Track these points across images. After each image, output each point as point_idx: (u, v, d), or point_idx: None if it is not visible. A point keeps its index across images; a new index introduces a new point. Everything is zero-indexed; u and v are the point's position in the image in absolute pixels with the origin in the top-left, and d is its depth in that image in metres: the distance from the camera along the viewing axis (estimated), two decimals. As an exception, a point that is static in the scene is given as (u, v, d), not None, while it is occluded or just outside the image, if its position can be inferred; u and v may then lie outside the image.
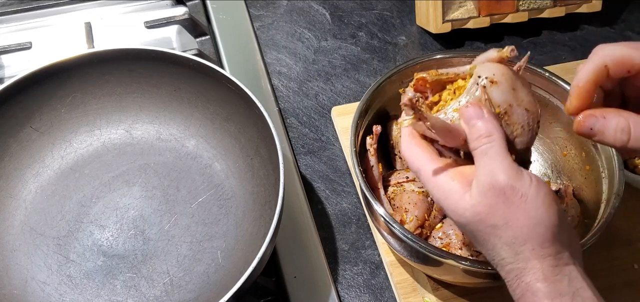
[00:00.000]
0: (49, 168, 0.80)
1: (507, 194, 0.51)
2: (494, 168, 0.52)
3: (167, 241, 0.75)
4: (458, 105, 0.55)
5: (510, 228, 0.51)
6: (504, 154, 0.52)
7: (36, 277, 0.72)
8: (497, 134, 0.53)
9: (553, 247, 0.51)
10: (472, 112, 0.54)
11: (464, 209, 0.53)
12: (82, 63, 0.80)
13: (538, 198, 0.51)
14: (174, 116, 0.83)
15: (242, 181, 0.79)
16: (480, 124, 0.53)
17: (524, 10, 1.01)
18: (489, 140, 0.52)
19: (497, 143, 0.52)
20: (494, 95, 0.55)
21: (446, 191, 0.54)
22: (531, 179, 0.52)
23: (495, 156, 0.52)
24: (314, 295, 0.75)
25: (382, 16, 1.06)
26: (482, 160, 0.53)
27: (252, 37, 1.01)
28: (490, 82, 0.55)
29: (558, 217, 0.51)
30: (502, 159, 0.52)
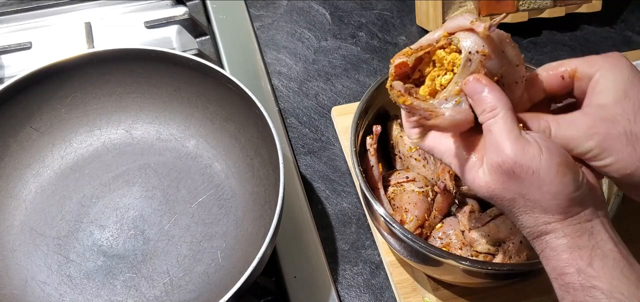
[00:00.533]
0: (49, 168, 0.80)
1: (516, 173, 0.50)
2: (500, 146, 0.51)
3: (167, 241, 0.75)
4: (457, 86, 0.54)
5: (527, 201, 0.51)
6: (510, 128, 0.51)
7: (36, 277, 0.72)
8: (501, 105, 0.52)
9: (573, 210, 0.51)
10: (473, 86, 0.53)
11: (479, 186, 0.53)
12: (82, 63, 0.80)
13: (551, 171, 0.50)
14: (174, 116, 0.83)
15: (242, 181, 0.79)
16: (483, 97, 0.52)
17: (524, 10, 1.01)
18: (493, 115, 0.52)
19: (501, 116, 0.51)
20: (489, 66, 0.54)
21: (465, 168, 0.54)
22: (541, 150, 0.50)
23: (500, 131, 0.51)
24: (314, 295, 0.75)
25: (382, 16, 1.06)
26: (488, 137, 0.52)
27: (252, 37, 1.01)
28: (483, 55, 0.54)
29: (574, 183, 0.51)
30: (507, 134, 0.51)
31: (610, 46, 1.04)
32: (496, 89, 0.53)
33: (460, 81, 0.54)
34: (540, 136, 0.52)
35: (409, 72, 0.57)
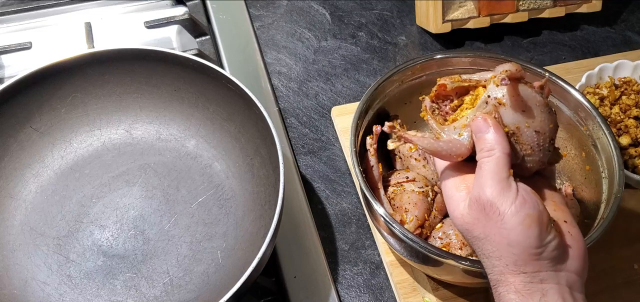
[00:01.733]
0: (49, 168, 0.80)
1: (487, 210, 0.53)
2: (484, 183, 0.53)
3: (167, 241, 0.75)
4: (466, 121, 0.57)
5: (488, 242, 0.53)
6: (498, 169, 0.53)
7: (36, 277, 0.72)
8: (499, 148, 0.54)
9: (528, 266, 0.52)
10: (480, 124, 0.55)
11: (456, 217, 0.56)
12: (82, 63, 0.80)
13: (515, 218, 0.52)
14: (174, 116, 0.83)
15: (242, 181, 0.79)
16: (485, 137, 0.55)
17: (524, 10, 1.01)
18: (489, 154, 0.54)
19: (495, 158, 0.54)
20: (503, 115, 0.56)
21: (449, 196, 0.58)
22: (516, 198, 0.52)
23: (489, 171, 0.53)
24: (314, 295, 0.75)
25: (382, 16, 1.06)
26: (478, 173, 0.54)
27: (252, 37, 1.01)
28: (499, 103, 0.56)
29: (537, 239, 0.52)
30: (493, 174, 0.53)
31: (610, 46, 1.04)
32: (500, 132, 0.55)
33: (471, 117, 0.57)
34: (526, 187, 0.54)
35: (451, 95, 0.61)
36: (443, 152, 0.58)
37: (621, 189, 0.68)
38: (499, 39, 1.04)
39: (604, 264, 0.77)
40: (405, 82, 0.79)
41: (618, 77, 0.90)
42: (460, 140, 0.57)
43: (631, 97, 0.86)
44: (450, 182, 0.58)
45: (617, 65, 0.90)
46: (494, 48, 1.03)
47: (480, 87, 0.59)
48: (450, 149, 0.57)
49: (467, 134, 0.57)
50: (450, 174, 0.59)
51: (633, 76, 0.90)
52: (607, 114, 0.85)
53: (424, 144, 0.58)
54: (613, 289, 0.75)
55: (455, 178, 0.58)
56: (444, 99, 0.61)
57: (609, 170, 0.71)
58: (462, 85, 0.60)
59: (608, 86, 0.89)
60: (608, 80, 0.90)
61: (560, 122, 0.76)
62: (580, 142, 0.75)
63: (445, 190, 0.59)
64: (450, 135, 0.57)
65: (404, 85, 0.79)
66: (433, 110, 0.60)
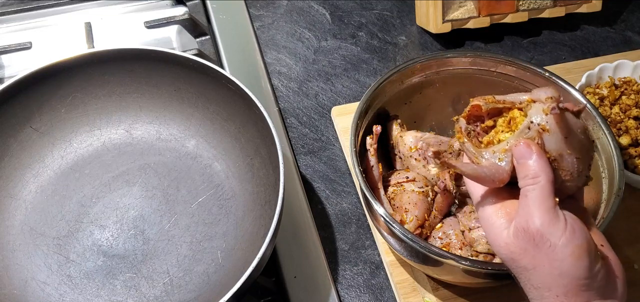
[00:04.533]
0: (49, 168, 0.80)
1: (536, 241, 0.52)
2: (531, 212, 0.52)
3: (167, 241, 0.75)
4: (507, 146, 0.55)
5: (537, 273, 0.52)
6: (544, 198, 0.52)
7: (36, 277, 0.72)
8: (544, 176, 0.52)
9: (579, 297, 0.51)
10: (523, 150, 0.54)
11: (499, 246, 0.55)
12: (82, 63, 0.80)
13: (566, 249, 0.51)
14: (174, 116, 0.83)
15: (242, 181, 0.79)
16: (529, 164, 0.53)
17: (524, 10, 1.01)
18: (534, 182, 0.53)
19: (541, 186, 0.52)
20: (545, 142, 0.55)
21: (490, 224, 0.56)
22: (565, 228, 0.51)
23: (535, 199, 0.52)
24: (314, 295, 0.75)
25: (382, 16, 1.06)
26: (523, 201, 0.53)
27: (252, 37, 1.01)
28: (542, 129, 0.54)
29: (588, 270, 0.51)
30: (540, 203, 0.52)
31: (610, 46, 1.04)
32: (543, 158, 0.53)
33: (512, 142, 0.55)
34: (572, 216, 0.53)
35: (484, 116, 0.59)
36: (485, 178, 0.56)
37: (621, 189, 0.68)
38: (499, 39, 1.04)
39: (604, 264, 0.77)
40: (405, 82, 0.79)
41: (618, 77, 0.90)
42: (501, 165, 0.55)
43: (631, 97, 0.86)
44: (489, 209, 0.56)
45: (617, 65, 0.90)
46: (494, 48, 1.03)
47: (515, 110, 0.58)
48: (492, 175, 0.55)
49: (507, 160, 0.55)
50: (488, 200, 0.57)
51: (633, 76, 0.90)
52: (607, 114, 0.85)
53: (468, 171, 0.56)
54: (613, 289, 0.75)
55: (495, 205, 0.56)
56: (475, 120, 0.60)
57: (609, 170, 0.71)
58: (495, 107, 0.58)
59: (608, 86, 0.89)
60: (608, 80, 0.90)
61: (560, 122, 0.77)
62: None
63: (484, 217, 0.57)
64: (490, 160, 0.56)
65: (404, 85, 0.79)
66: (469, 133, 0.59)
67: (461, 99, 0.82)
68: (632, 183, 0.81)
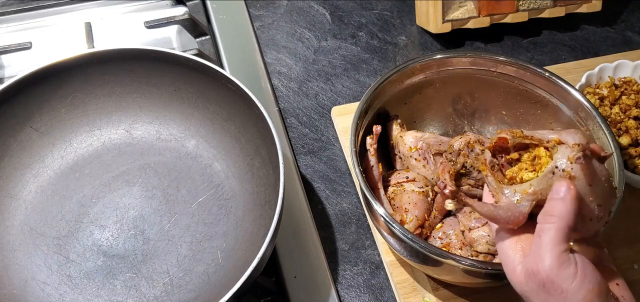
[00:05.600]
0: (49, 168, 0.80)
1: (546, 286, 0.51)
2: (542, 255, 0.51)
3: (167, 241, 0.75)
4: (529, 189, 0.55)
5: None
6: (557, 242, 0.51)
7: (36, 277, 0.72)
8: (563, 220, 0.52)
9: None
10: (560, 188, 0.53)
11: (514, 282, 0.54)
12: (82, 63, 0.80)
13: (578, 295, 0.51)
14: (174, 116, 0.83)
15: (242, 181, 0.79)
16: (555, 203, 0.52)
17: (524, 10, 1.01)
18: (550, 221, 0.52)
19: (556, 227, 0.51)
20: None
21: (505, 256, 0.56)
22: (576, 273, 0.51)
23: (549, 241, 0.51)
24: (314, 295, 0.75)
25: (382, 16, 1.06)
26: (536, 240, 0.53)
27: (252, 37, 1.01)
28: (568, 176, 0.54)
29: None
30: (552, 246, 0.51)
31: (610, 46, 1.04)
32: (573, 205, 0.52)
33: (535, 185, 0.55)
34: (583, 259, 0.52)
35: (510, 148, 0.59)
36: (500, 220, 0.56)
37: (621, 189, 0.68)
38: (499, 39, 1.04)
39: (604, 264, 0.77)
40: (405, 82, 0.79)
41: (618, 77, 0.90)
42: (519, 208, 0.55)
43: (631, 97, 0.86)
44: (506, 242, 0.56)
45: (617, 65, 0.90)
46: (494, 48, 1.03)
47: (541, 148, 0.57)
48: (508, 218, 0.55)
49: (526, 203, 0.55)
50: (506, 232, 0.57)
51: (633, 76, 0.90)
52: (607, 114, 0.85)
53: (484, 211, 0.56)
54: (613, 289, 0.75)
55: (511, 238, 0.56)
56: (501, 151, 0.60)
57: (609, 170, 0.71)
58: (522, 142, 0.58)
59: (608, 86, 0.89)
60: (608, 80, 0.90)
61: (560, 122, 0.77)
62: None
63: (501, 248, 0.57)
64: (510, 198, 0.55)
65: (404, 85, 0.79)
66: (492, 166, 0.58)
67: (461, 99, 0.82)
68: (632, 183, 0.81)
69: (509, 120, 0.81)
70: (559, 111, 0.77)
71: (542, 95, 0.77)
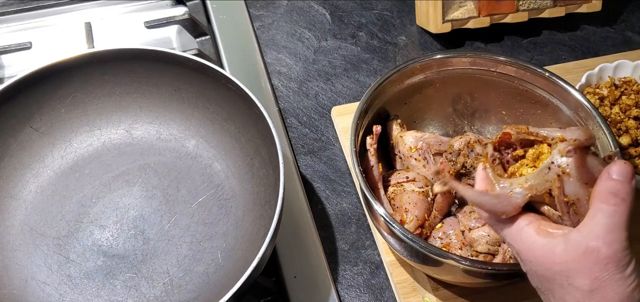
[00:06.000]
0: (49, 168, 0.80)
1: (606, 265, 0.50)
2: (610, 236, 0.50)
3: (167, 241, 0.75)
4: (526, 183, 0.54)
5: (595, 295, 0.50)
6: (625, 225, 0.50)
7: (36, 277, 0.72)
8: (629, 203, 0.50)
9: None
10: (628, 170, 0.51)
11: (552, 261, 0.52)
12: (82, 63, 0.80)
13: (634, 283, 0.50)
14: (174, 116, 0.83)
15: (242, 181, 0.79)
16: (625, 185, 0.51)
17: (524, 10, 1.01)
18: (620, 204, 0.50)
19: (626, 212, 0.50)
20: (565, 184, 0.53)
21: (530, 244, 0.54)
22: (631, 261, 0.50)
23: (618, 224, 0.50)
24: (314, 295, 0.75)
25: (382, 16, 1.06)
26: (602, 219, 0.50)
27: (252, 37, 1.01)
28: (562, 172, 0.53)
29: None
30: (621, 229, 0.50)
31: (610, 46, 1.04)
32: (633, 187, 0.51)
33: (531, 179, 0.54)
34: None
35: (515, 144, 0.58)
36: (487, 207, 0.55)
37: (621, 189, 0.67)
38: (499, 39, 1.04)
39: (604, 264, 0.77)
40: (405, 82, 0.79)
41: (618, 77, 0.90)
42: (510, 198, 0.54)
43: (631, 97, 0.86)
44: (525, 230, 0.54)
45: (617, 65, 0.90)
46: (494, 48, 1.03)
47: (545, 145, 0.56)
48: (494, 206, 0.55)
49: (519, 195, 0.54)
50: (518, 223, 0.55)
51: (633, 76, 0.90)
52: (607, 114, 0.85)
53: (469, 196, 0.56)
54: (613, 289, 0.75)
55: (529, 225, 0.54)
56: (506, 147, 0.59)
57: (609, 170, 0.71)
58: (527, 138, 0.57)
59: (608, 86, 0.89)
60: (608, 80, 0.90)
61: (560, 122, 0.77)
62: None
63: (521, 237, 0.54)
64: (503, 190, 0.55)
65: (404, 85, 0.79)
66: (493, 160, 0.58)
67: (461, 99, 0.82)
68: (632, 183, 0.81)
69: (509, 120, 0.81)
70: (559, 111, 0.77)
71: (542, 95, 0.78)
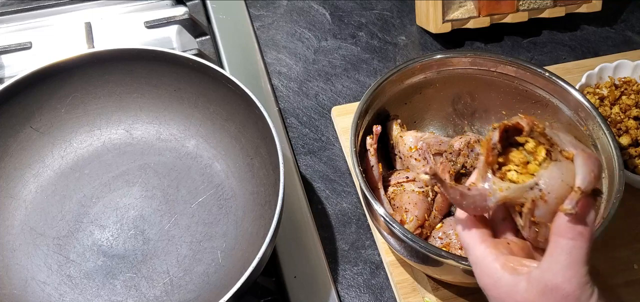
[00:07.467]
0: (49, 168, 0.80)
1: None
2: (569, 273, 0.49)
3: (167, 241, 0.75)
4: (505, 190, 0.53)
5: None
6: (585, 261, 0.50)
7: (36, 277, 0.72)
8: (589, 239, 0.50)
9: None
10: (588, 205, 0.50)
11: (515, 300, 0.52)
12: (82, 63, 0.80)
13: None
14: (174, 116, 0.83)
15: (242, 181, 0.79)
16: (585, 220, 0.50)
17: (524, 10, 1.01)
18: (578, 239, 0.50)
19: (585, 246, 0.50)
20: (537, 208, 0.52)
21: (496, 279, 0.53)
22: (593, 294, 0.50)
23: (577, 260, 0.49)
24: (314, 295, 0.75)
25: (382, 16, 1.06)
26: (560, 256, 0.50)
27: (252, 37, 1.01)
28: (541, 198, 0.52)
29: None
30: (581, 265, 0.49)
31: (610, 46, 1.04)
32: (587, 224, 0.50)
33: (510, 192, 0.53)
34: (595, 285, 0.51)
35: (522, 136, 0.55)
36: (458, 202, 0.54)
37: (621, 189, 0.68)
38: (499, 39, 1.04)
39: (604, 264, 0.77)
40: (405, 82, 0.79)
41: (618, 77, 0.90)
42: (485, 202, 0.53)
43: (631, 97, 0.86)
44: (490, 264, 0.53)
45: (617, 65, 0.90)
46: (494, 48, 1.03)
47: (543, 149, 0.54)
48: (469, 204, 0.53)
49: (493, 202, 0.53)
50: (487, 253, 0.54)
51: (633, 76, 0.90)
52: (607, 114, 0.85)
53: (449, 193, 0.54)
54: (613, 289, 0.75)
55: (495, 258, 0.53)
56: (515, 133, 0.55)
57: (609, 170, 0.71)
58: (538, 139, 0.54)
59: (608, 86, 0.89)
60: (608, 80, 0.90)
61: (560, 122, 0.77)
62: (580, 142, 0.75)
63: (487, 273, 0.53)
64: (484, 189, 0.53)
65: (404, 85, 0.79)
66: (493, 148, 0.55)
67: (461, 99, 0.82)
68: (632, 183, 0.81)
69: (509, 121, 0.81)
70: (559, 111, 0.77)
71: (542, 95, 0.78)
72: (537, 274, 0.51)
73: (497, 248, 0.54)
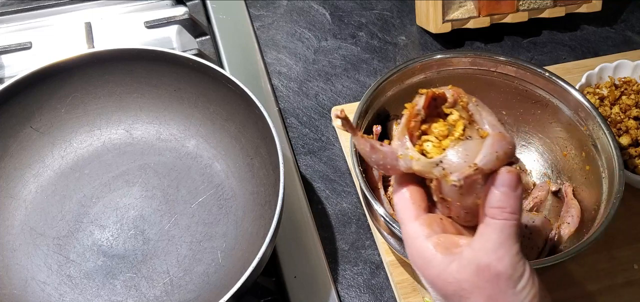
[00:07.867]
0: (49, 168, 0.80)
1: (499, 283, 0.48)
2: (501, 253, 0.48)
3: (167, 241, 0.75)
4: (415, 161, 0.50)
5: None
6: (516, 239, 0.48)
7: (36, 277, 0.72)
8: (518, 216, 0.48)
9: None
10: (512, 179, 0.48)
11: (445, 280, 0.50)
12: (82, 63, 0.80)
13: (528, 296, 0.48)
14: (174, 116, 0.83)
15: (242, 181, 0.79)
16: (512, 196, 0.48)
17: (524, 10, 1.01)
18: (510, 218, 0.48)
19: (513, 224, 0.48)
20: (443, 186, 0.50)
21: (425, 259, 0.51)
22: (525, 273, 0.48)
23: (508, 238, 0.48)
24: (314, 295, 0.75)
25: (382, 16, 1.06)
26: (492, 235, 0.48)
27: (252, 37, 1.01)
28: (444, 177, 0.49)
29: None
30: (512, 243, 0.48)
31: (610, 46, 1.04)
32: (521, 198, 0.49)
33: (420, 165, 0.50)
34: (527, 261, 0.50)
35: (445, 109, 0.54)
36: (367, 155, 0.51)
37: (621, 189, 0.67)
38: (499, 39, 1.04)
39: (604, 264, 0.77)
40: (405, 82, 0.79)
41: (618, 77, 0.90)
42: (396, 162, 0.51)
43: (631, 97, 0.86)
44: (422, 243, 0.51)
45: (617, 65, 0.90)
46: (494, 48, 1.03)
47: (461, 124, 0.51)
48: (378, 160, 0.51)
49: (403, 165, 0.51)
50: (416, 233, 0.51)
51: (633, 76, 0.90)
52: (607, 114, 0.85)
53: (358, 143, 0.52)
54: (613, 289, 0.75)
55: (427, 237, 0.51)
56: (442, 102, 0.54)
57: (609, 170, 0.71)
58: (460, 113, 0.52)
59: (608, 86, 0.89)
60: (608, 80, 0.90)
61: (560, 122, 0.77)
62: (580, 142, 0.75)
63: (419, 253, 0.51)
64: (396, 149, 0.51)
65: (404, 85, 0.79)
66: (417, 115, 0.53)
67: (461, 99, 0.82)
68: (632, 183, 0.81)
69: (509, 121, 0.81)
70: (559, 111, 0.77)
71: (542, 95, 0.77)
72: (468, 254, 0.49)
73: (430, 226, 0.52)
